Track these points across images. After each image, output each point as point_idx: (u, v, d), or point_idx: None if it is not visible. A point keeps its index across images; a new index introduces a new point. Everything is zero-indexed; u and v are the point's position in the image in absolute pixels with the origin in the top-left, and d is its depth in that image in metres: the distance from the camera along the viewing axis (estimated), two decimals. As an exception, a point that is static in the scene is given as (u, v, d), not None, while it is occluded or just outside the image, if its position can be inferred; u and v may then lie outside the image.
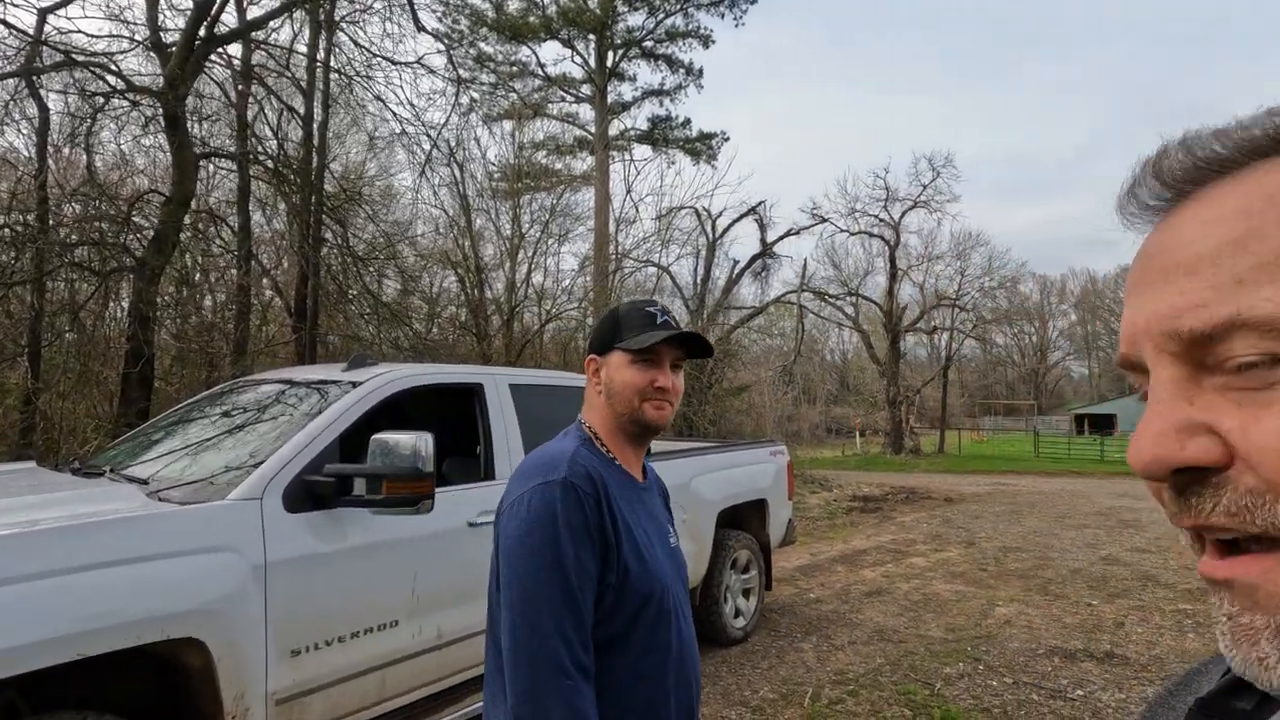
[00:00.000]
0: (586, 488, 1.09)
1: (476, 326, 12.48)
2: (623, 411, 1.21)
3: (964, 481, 16.34)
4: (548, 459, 1.14)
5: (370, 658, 2.42)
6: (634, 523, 1.15)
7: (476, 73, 15.50)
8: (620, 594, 1.09)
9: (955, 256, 27.84)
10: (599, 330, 1.27)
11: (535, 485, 1.09)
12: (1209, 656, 0.42)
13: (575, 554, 1.05)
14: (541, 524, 1.06)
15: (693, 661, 1.19)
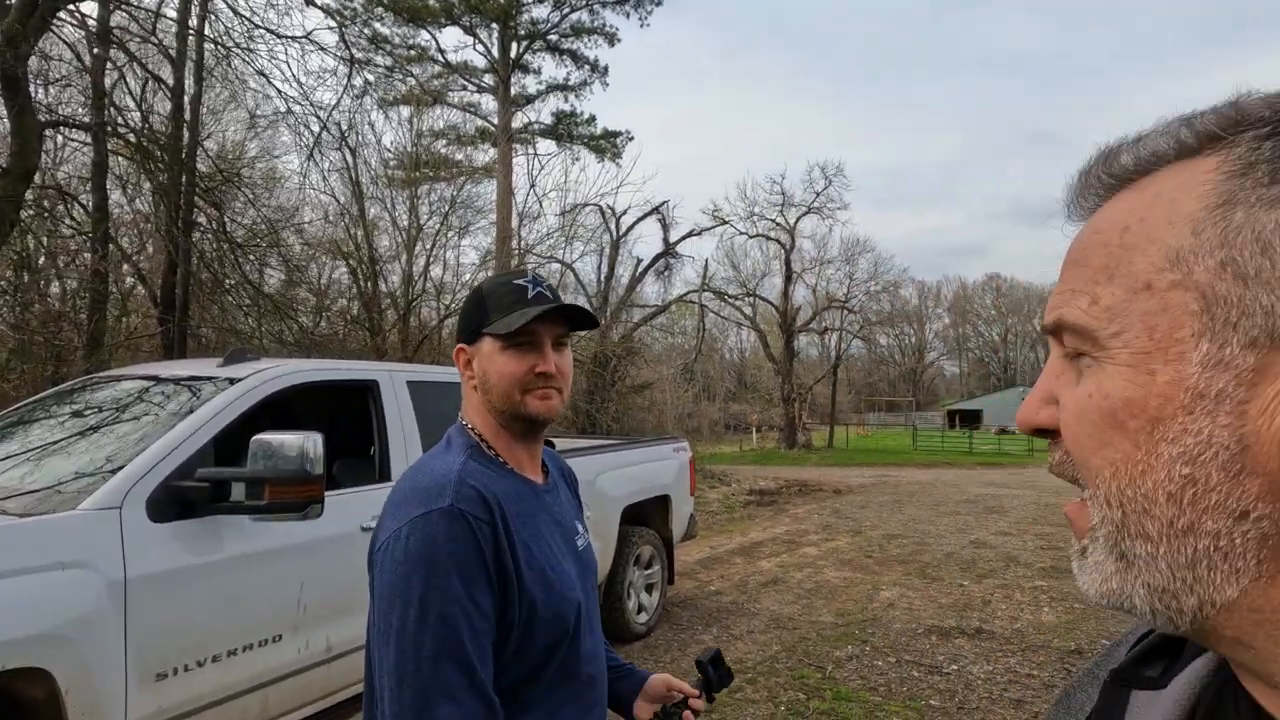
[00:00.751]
0: (479, 514, 0.92)
1: (370, 321, 11.87)
2: (503, 407, 1.03)
3: (851, 474, 17.31)
4: (429, 482, 0.95)
5: (250, 677, 2.24)
6: (536, 540, 1.00)
7: (371, 54, 14.73)
8: (528, 630, 0.95)
9: (845, 261, 29.45)
10: (464, 313, 1.07)
11: (415, 518, 0.90)
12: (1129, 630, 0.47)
13: (468, 595, 0.88)
14: (424, 564, 0.88)
15: (600, 680, 1.09)
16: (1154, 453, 0.32)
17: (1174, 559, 0.32)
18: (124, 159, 9.01)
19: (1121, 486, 0.33)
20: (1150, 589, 0.33)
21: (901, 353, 68.51)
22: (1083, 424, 0.34)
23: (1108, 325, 0.33)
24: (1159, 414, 0.32)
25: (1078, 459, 0.35)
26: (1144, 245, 0.33)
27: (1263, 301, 0.30)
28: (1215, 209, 0.31)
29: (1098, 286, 0.34)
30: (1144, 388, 0.32)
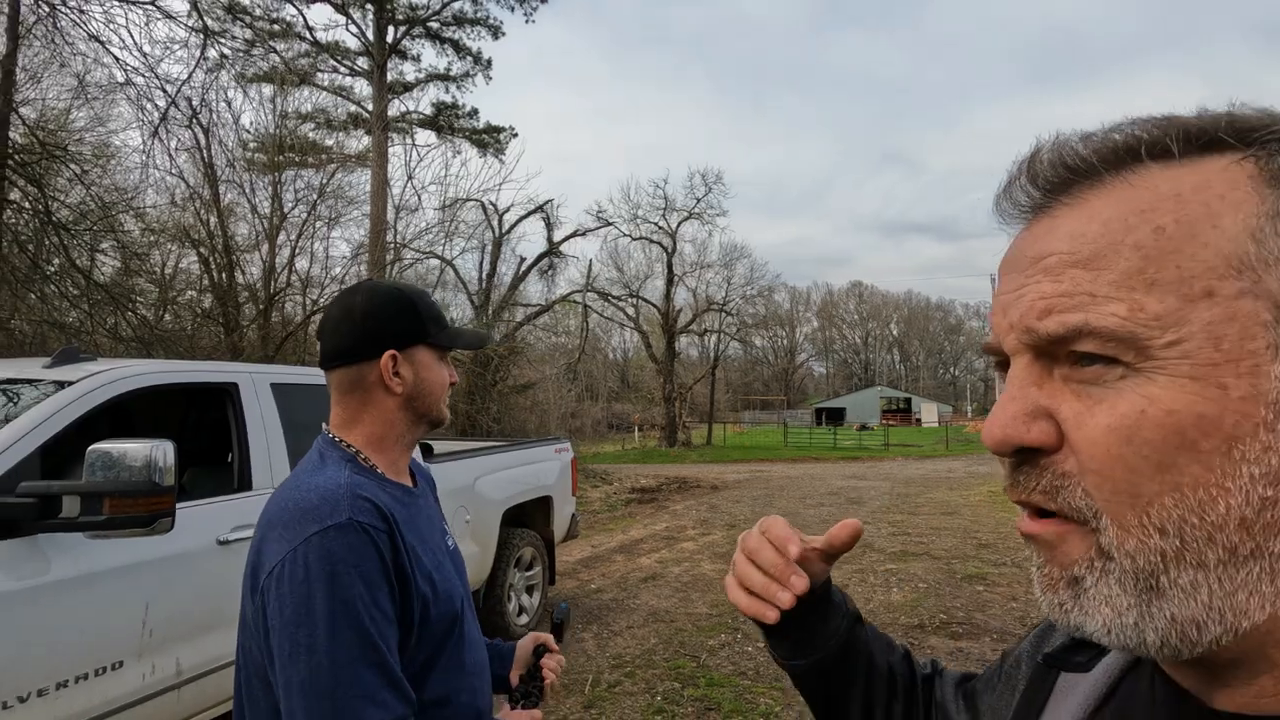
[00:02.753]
0: (377, 524, 0.93)
1: (225, 315, 10.91)
2: (428, 413, 1.08)
3: (728, 470, 18.05)
4: (317, 499, 0.93)
5: (83, 709, 2.04)
6: (420, 543, 1.03)
7: (228, 24, 13.53)
8: (422, 630, 0.98)
9: (723, 265, 30.60)
10: (393, 319, 1.05)
11: (311, 536, 0.89)
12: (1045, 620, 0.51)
13: (373, 601, 0.89)
14: (326, 581, 0.87)
15: (483, 666, 1.15)
16: (1230, 474, 0.29)
17: (1220, 587, 0.30)
18: (-87, 122, 7.71)
19: (1185, 513, 0.30)
20: (1174, 621, 0.31)
21: (775, 354, 72.21)
22: (1134, 444, 0.30)
23: (1160, 334, 0.30)
24: (1235, 432, 0.29)
25: (1115, 484, 0.31)
26: (1190, 248, 0.31)
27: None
28: (1274, 218, 0.30)
29: (1135, 292, 0.31)
30: (1217, 404, 0.29)
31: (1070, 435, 0.32)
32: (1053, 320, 0.32)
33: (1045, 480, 0.33)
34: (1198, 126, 0.32)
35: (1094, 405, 0.32)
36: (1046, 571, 0.34)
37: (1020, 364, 0.34)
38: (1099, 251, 0.32)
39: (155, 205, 11.09)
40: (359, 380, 1.05)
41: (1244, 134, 0.32)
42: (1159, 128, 0.33)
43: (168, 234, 11.48)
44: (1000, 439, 0.34)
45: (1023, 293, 0.34)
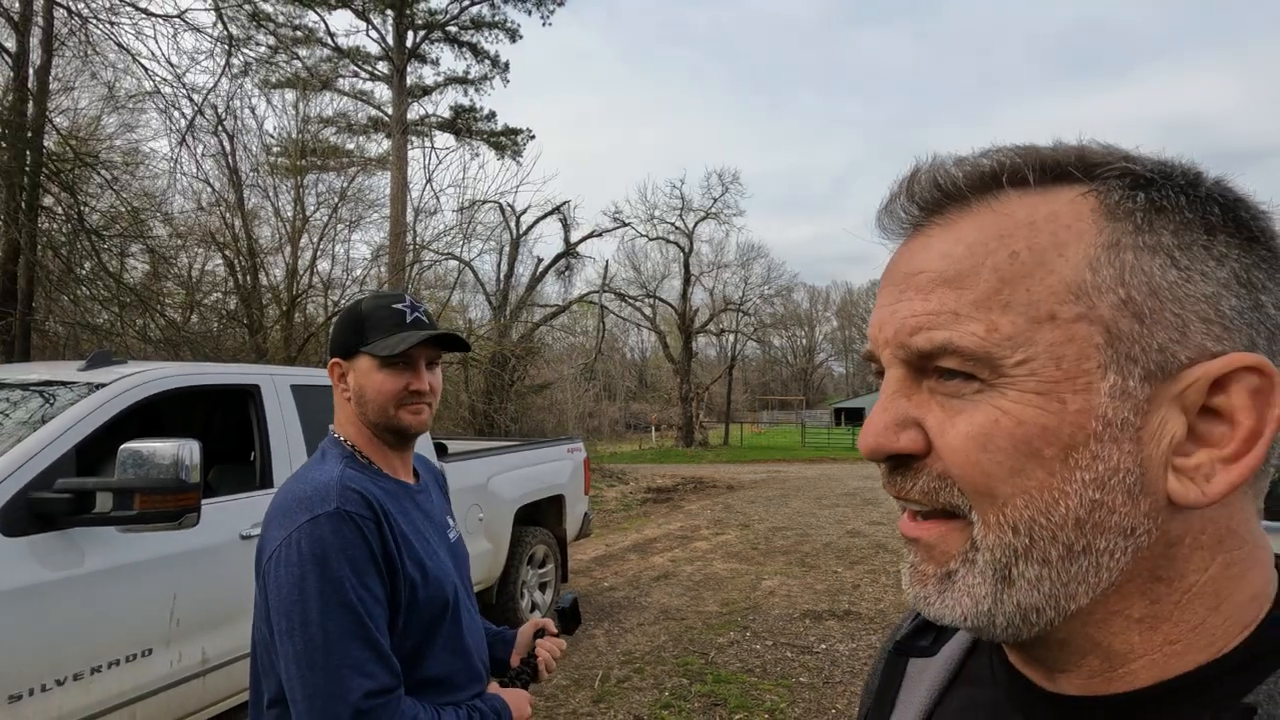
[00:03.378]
0: (364, 513, 1.01)
1: (249, 317, 11.16)
2: (377, 420, 1.12)
3: (744, 470, 18.04)
4: (311, 490, 1.02)
5: (116, 694, 2.16)
6: (413, 533, 1.10)
7: (252, 31, 13.83)
8: (410, 611, 1.05)
9: (740, 265, 30.57)
10: (340, 329, 1.14)
11: (303, 523, 0.98)
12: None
13: (361, 583, 0.97)
14: (317, 563, 0.96)
15: (482, 650, 1.22)
16: (1068, 479, 0.32)
17: (1058, 579, 0.33)
18: (-46, 132, 8.01)
19: (1034, 514, 0.33)
20: (1019, 607, 0.34)
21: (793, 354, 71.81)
22: (989, 450, 0.33)
23: (1011, 353, 0.33)
24: (1071, 441, 0.32)
25: (975, 486, 0.34)
26: (1040, 274, 0.33)
27: (1158, 339, 0.32)
28: (1109, 249, 0.33)
29: (992, 313, 0.34)
30: (1057, 416, 0.32)
31: (935, 442, 0.35)
32: (921, 337, 0.35)
33: (923, 482, 0.36)
34: (1053, 159, 0.35)
35: (955, 415, 0.35)
36: (921, 569, 0.37)
37: (893, 376, 0.37)
38: (963, 272, 0.35)
39: (182, 210, 11.40)
40: (334, 385, 1.17)
41: (1090, 168, 0.35)
42: (1020, 156, 0.36)
43: (194, 237, 11.77)
44: (873, 446, 0.37)
45: (897, 308, 0.37)
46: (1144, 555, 0.33)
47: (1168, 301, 0.32)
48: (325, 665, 0.93)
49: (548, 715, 3.49)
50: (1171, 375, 0.32)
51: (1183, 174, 0.34)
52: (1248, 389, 0.31)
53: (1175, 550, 0.33)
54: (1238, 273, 0.33)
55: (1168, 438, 0.32)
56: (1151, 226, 0.33)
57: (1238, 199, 0.34)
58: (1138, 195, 0.34)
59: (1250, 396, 0.31)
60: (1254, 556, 0.34)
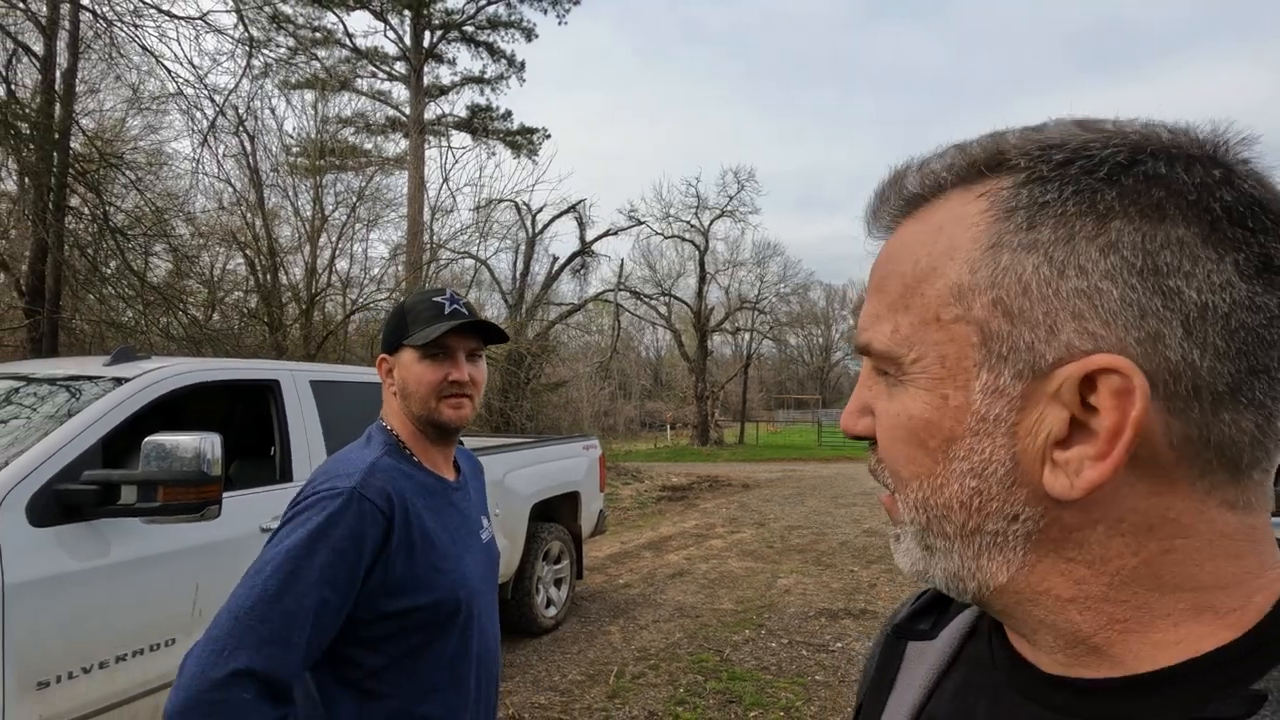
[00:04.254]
0: (379, 502, 1.02)
1: (269, 315, 11.31)
2: (419, 413, 1.14)
3: (760, 469, 17.99)
4: (343, 468, 1.06)
5: (140, 682, 2.20)
6: (439, 532, 1.10)
7: (272, 33, 14.01)
8: (411, 615, 1.04)
9: (756, 264, 30.42)
10: (387, 326, 1.20)
11: (321, 490, 1.02)
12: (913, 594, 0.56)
13: (330, 562, 0.96)
14: (305, 525, 0.98)
15: (494, 656, 1.19)
16: (949, 469, 0.35)
17: (964, 553, 0.36)
18: (-16, 134, 8.19)
19: (925, 496, 0.37)
20: (946, 572, 0.38)
21: (810, 352, 71.38)
22: (893, 440, 0.38)
23: (908, 352, 0.36)
24: (952, 434, 0.35)
25: (890, 468, 0.39)
26: (932, 278, 0.36)
27: (1025, 338, 0.33)
28: (987, 250, 0.34)
29: (897, 315, 0.37)
30: (939, 411, 0.35)
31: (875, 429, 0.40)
32: (861, 336, 0.40)
33: (873, 460, 0.41)
34: (965, 160, 0.36)
35: (884, 406, 0.39)
36: (894, 532, 0.42)
37: (865, 366, 0.41)
38: (885, 278, 0.39)
39: (204, 209, 11.58)
40: (382, 380, 1.21)
41: (998, 165, 0.35)
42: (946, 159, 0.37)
43: (216, 237, 11.94)
44: (844, 428, 0.42)
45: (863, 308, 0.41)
46: (1041, 539, 0.34)
47: (1037, 300, 0.33)
48: (244, 623, 0.92)
49: (563, 710, 3.50)
50: (1043, 374, 0.33)
51: (1095, 156, 0.33)
52: (1110, 389, 0.31)
53: (1081, 535, 0.34)
54: (1131, 260, 0.31)
55: (1044, 433, 0.33)
56: (1032, 224, 0.33)
57: (1158, 176, 0.32)
58: (1021, 193, 0.34)
59: (1113, 397, 0.31)
60: (1216, 547, 0.33)
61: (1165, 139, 0.33)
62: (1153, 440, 0.32)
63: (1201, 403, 0.31)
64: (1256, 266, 0.31)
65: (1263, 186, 0.32)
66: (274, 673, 0.92)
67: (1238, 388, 0.31)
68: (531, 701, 3.60)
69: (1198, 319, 0.31)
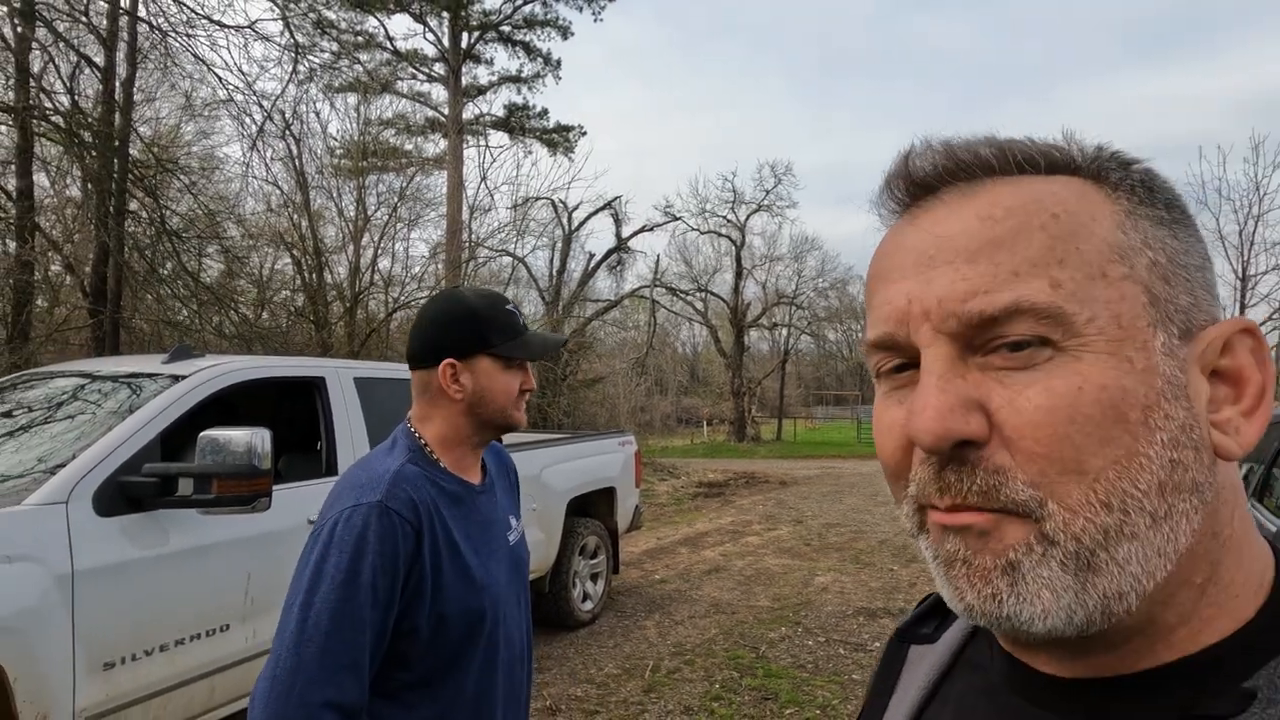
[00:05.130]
0: (406, 513, 1.01)
1: (315, 313, 11.65)
2: (494, 418, 1.13)
3: (797, 466, 17.81)
4: (366, 478, 1.04)
5: (197, 665, 2.31)
6: (465, 540, 1.08)
7: (316, 39, 14.38)
8: (443, 624, 1.03)
9: (793, 258, 30.05)
10: (455, 329, 1.11)
11: (347, 507, 1.00)
12: None
13: (374, 583, 0.96)
14: (341, 549, 0.96)
15: (521, 655, 1.18)
16: (1151, 442, 0.31)
17: (1144, 554, 0.31)
18: (51, 143, 8.64)
19: (1126, 485, 0.31)
20: (1104, 597, 0.31)
21: (849, 348, 70.14)
22: (1077, 422, 0.30)
23: (1081, 310, 0.31)
24: (1148, 401, 0.31)
25: (1061, 464, 0.31)
26: (1083, 234, 0.33)
27: (1180, 301, 0.33)
28: (1130, 215, 0.34)
29: (1051, 269, 0.32)
30: (1132, 376, 0.31)
31: (1006, 423, 0.31)
32: (980, 301, 0.32)
33: (979, 480, 0.32)
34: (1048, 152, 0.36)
35: (1025, 389, 0.31)
36: (978, 563, 0.32)
37: (938, 355, 0.33)
38: (1012, 231, 0.33)
39: (253, 211, 11.98)
40: (427, 384, 1.13)
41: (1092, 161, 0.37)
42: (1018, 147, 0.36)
43: (265, 238, 12.35)
44: (941, 434, 0.31)
45: (931, 277, 0.33)
46: (1209, 512, 0.33)
47: (1179, 268, 0.35)
48: (304, 659, 0.92)
49: (599, 703, 3.55)
50: (1193, 337, 0.34)
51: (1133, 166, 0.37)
52: (1248, 349, 0.34)
53: (1219, 505, 0.34)
54: (1200, 252, 0.36)
55: (1203, 395, 0.33)
56: (1153, 203, 0.36)
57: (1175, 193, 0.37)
58: (1131, 176, 0.36)
59: (1252, 355, 0.34)
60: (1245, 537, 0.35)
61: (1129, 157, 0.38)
62: None
63: None
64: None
65: None
66: (350, 701, 0.93)
67: None
68: (568, 694, 3.65)
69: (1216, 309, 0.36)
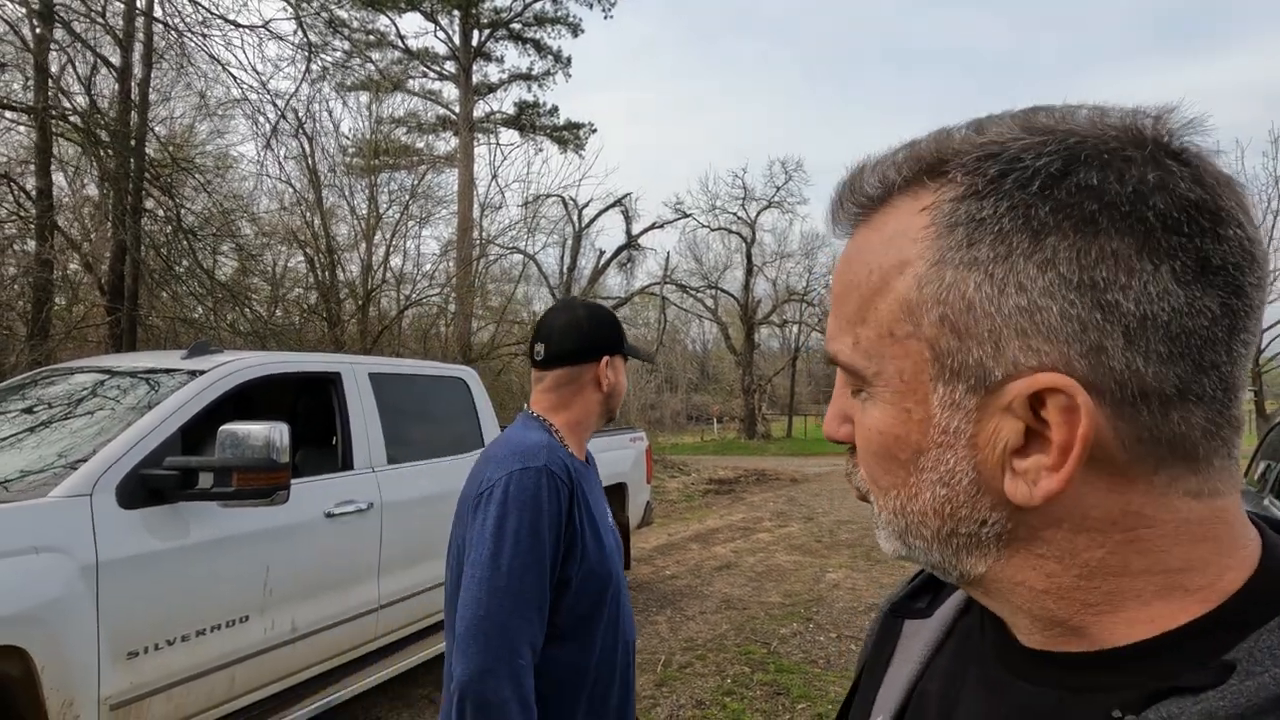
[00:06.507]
0: (564, 477, 1.14)
1: (328, 310, 11.73)
2: (612, 409, 1.31)
3: (808, 463, 17.76)
4: (525, 447, 1.16)
5: (218, 655, 2.35)
6: (596, 510, 1.23)
7: (329, 38, 14.46)
8: (585, 581, 1.14)
9: (804, 255, 29.88)
10: (610, 331, 1.30)
11: (515, 470, 1.12)
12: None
13: (548, 538, 1.09)
14: (520, 507, 1.09)
15: (633, 633, 1.30)
16: (921, 479, 0.37)
17: (943, 552, 0.38)
18: (69, 142, 8.75)
19: (902, 504, 0.39)
20: (927, 562, 0.40)
21: (859, 345, 69.77)
22: (869, 453, 0.40)
23: (869, 365, 0.38)
24: (919, 447, 0.37)
25: (868, 477, 0.41)
26: (884, 293, 0.37)
27: (974, 355, 0.34)
28: (932, 266, 0.35)
29: (856, 328, 0.38)
30: (904, 424, 0.37)
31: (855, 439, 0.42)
32: (829, 345, 0.41)
33: (850, 465, 0.43)
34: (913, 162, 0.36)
35: (859, 418, 0.40)
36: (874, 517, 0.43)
37: (839, 374, 0.42)
38: (845, 288, 0.39)
39: (267, 209, 12.08)
40: (576, 377, 1.27)
41: (939, 169, 0.35)
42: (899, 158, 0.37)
43: (278, 236, 12.45)
44: (827, 435, 0.44)
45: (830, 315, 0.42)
46: (1011, 539, 0.36)
47: (981, 318, 0.34)
48: (500, 601, 1.05)
49: (611, 697, 3.57)
50: (995, 388, 0.34)
51: (1029, 167, 0.33)
52: (1058, 407, 0.32)
53: (1047, 534, 0.35)
54: (1068, 277, 0.32)
55: (1001, 443, 0.34)
56: (972, 240, 0.34)
57: (1090, 188, 0.32)
58: (960, 208, 0.34)
59: (1061, 413, 0.32)
60: (1182, 533, 0.34)
61: (1105, 136, 0.33)
62: (1105, 444, 0.33)
63: (1150, 406, 0.32)
64: (1194, 270, 0.31)
65: (1200, 185, 0.32)
66: (538, 640, 1.08)
67: (1186, 388, 0.32)
68: (581, 687, 3.68)
69: (1138, 329, 0.31)
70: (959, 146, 0.35)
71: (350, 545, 2.88)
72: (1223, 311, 0.31)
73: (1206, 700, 0.30)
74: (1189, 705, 0.30)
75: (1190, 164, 0.32)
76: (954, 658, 0.46)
